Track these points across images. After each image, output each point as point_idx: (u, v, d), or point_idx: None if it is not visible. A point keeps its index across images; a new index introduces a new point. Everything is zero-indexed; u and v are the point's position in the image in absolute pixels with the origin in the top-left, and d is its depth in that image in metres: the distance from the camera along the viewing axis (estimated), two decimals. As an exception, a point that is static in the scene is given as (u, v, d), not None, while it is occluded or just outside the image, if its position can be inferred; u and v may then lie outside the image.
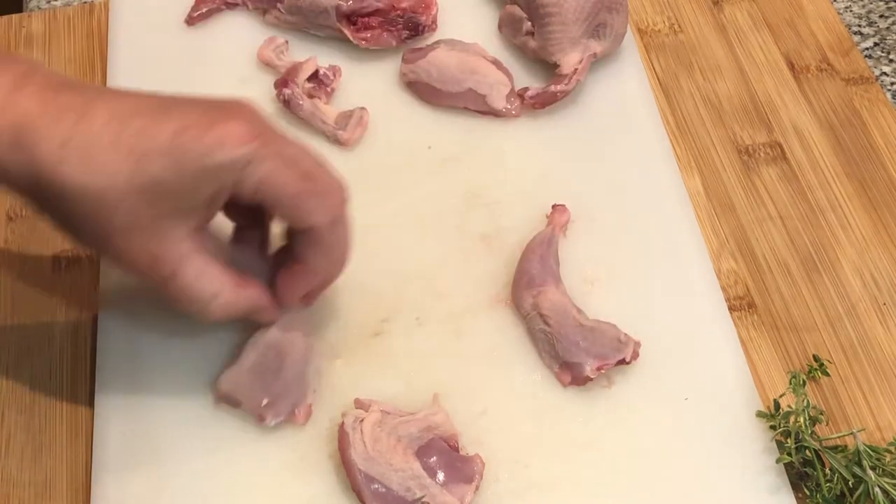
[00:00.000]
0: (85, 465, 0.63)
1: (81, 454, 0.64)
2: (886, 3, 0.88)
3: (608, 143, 0.76)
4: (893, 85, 0.82)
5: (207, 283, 0.57)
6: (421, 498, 0.58)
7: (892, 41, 0.85)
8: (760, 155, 0.77)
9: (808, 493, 0.61)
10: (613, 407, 0.64)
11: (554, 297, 0.66)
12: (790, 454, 0.60)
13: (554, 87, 0.75)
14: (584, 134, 0.76)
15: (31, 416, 0.65)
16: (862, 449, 0.59)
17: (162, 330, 0.66)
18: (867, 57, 0.84)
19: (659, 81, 0.81)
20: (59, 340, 0.68)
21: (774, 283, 0.71)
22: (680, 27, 0.84)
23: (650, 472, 0.62)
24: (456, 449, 0.62)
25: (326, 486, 0.61)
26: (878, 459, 0.59)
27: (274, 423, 0.62)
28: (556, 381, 0.65)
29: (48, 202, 0.53)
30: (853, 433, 0.61)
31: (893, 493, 0.58)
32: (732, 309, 0.69)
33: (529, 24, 0.77)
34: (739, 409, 0.64)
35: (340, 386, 0.64)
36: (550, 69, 0.77)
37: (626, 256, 0.70)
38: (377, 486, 0.59)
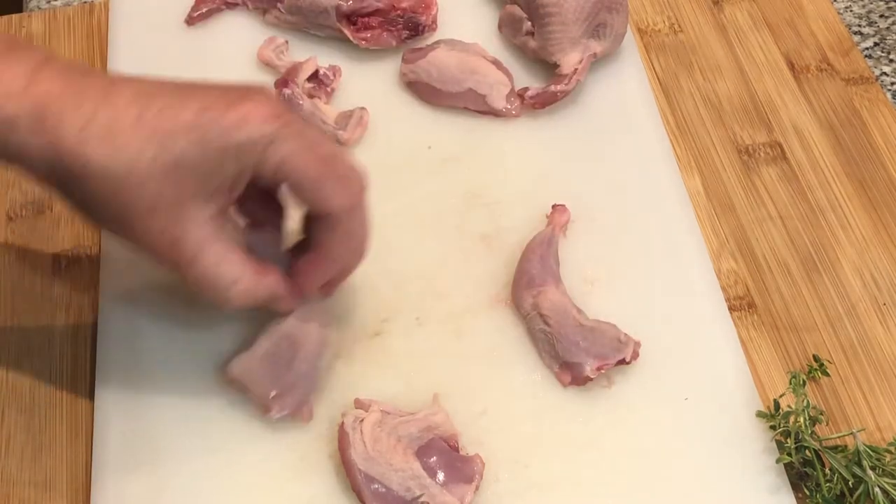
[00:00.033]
0: (85, 465, 0.63)
1: (81, 454, 0.64)
2: (886, 3, 0.88)
3: (608, 143, 0.76)
4: (893, 85, 0.82)
5: (227, 268, 0.56)
6: (419, 497, 0.58)
7: (892, 41, 0.85)
8: (760, 155, 0.77)
9: (808, 493, 0.61)
10: (613, 407, 0.64)
11: (554, 297, 0.66)
12: (790, 454, 0.60)
13: (554, 87, 0.75)
14: (584, 134, 0.76)
15: (31, 416, 0.65)
16: (862, 449, 0.59)
17: (162, 330, 0.66)
18: (867, 57, 0.84)
19: (659, 81, 0.81)
20: (59, 340, 0.68)
21: (774, 283, 0.71)
22: (680, 27, 0.84)
23: (650, 472, 0.62)
24: (456, 449, 0.62)
25: (326, 486, 0.61)
26: (878, 459, 0.59)
27: (279, 416, 0.62)
28: (556, 381, 0.65)
29: (69, 184, 0.52)
30: (853, 433, 0.61)
31: (893, 493, 0.58)
32: (732, 309, 0.69)
33: (529, 24, 0.77)
34: (739, 409, 0.64)
35: (340, 386, 0.64)
36: (550, 69, 0.77)
37: (626, 256, 0.70)
38: (377, 486, 0.59)
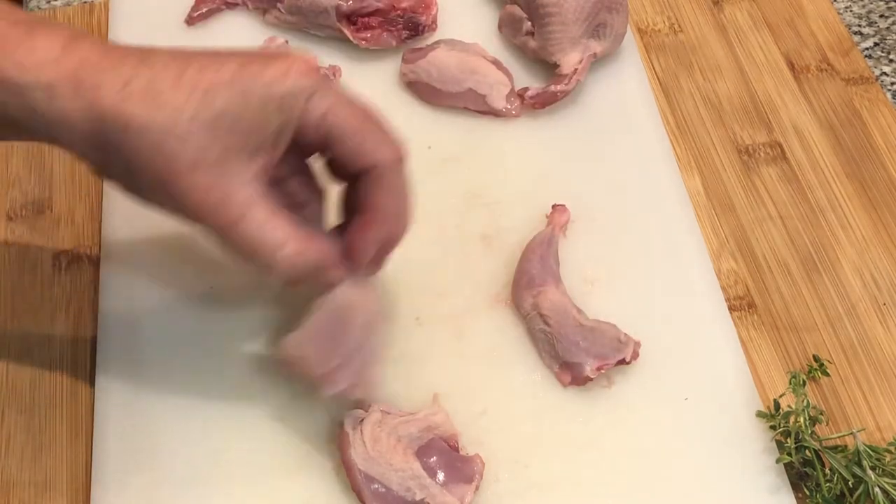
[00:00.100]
0: (85, 465, 0.63)
1: (81, 454, 0.64)
2: (886, 3, 0.88)
3: (608, 143, 0.75)
4: (893, 85, 0.82)
5: (275, 230, 0.54)
6: (422, 500, 0.59)
7: (892, 41, 0.85)
8: (760, 155, 0.77)
9: (808, 493, 0.61)
10: (613, 407, 0.64)
11: (554, 297, 0.66)
12: (790, 454, 0.60)
13: (554, 87, 0.75)
14: (584, 134, 0.76)
15: (31, 416, 0.65)
16: (862, 449, 0.59)
17: (162, 330, 0.66)
18: (867, 57, 0.84)
19: (659, 81, 0.81)
20: (59, 340, 0.68)
21: (774, 283, 0.71)
22: (680, 27, 0.84)
23: (650, 472, 0.62)
24: (456, 449, 0.62)
25: (326, 486, 0.61)
26: (878, 459, 0.59)
27: (339, 389, 0.60)
28: (556, 381, 0.65)
29: (111, 146, 0.52)
30: (853, 433, 0.61)
31: (893, 493, 0.58)
32: (732, 309, 0.69)
33: (529, 24, 0.77)
34: (739, 409, 0.64)
35: (340, 386, 0.64)
36: (550, 69, 0.77)
37: (626, 256, 0.70)
38: (377, 486, 0.59)
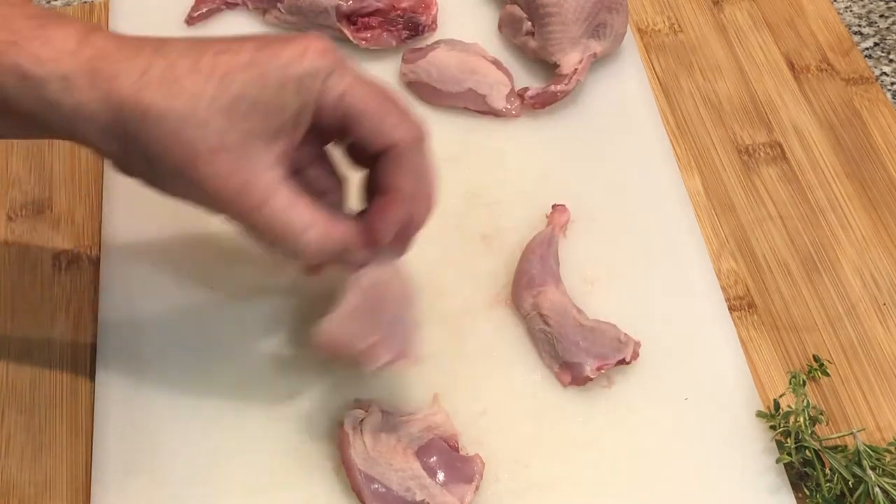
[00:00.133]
0: (85, 465, 0.63)
1: (81, 454, 0.64)
2: (886, 3, 0.88)
3: (608, 143, 0.75)
4: (893, 85, 0.82)
5: (300, 213, 0.54)
6: (422, 500, 0.59)
7: (892, 41, 0.85)
8: (760, 155, 0.77)
9: (808, 493, 0.61)
10: (613, 407, 0.64)
11: (554, 297, 0.66)
12: (790, 454, 0.60)
13: (554, 87, 0.75)
14: (584, 134, 0.76)
15: (31, 416, 0.65)
16: (862, 449, 0.59)
17: (162, 329, 0.66)
18: (867, 57, 0.84)
19: (659, 81, 0.81)
20: (59, 340, 0.68)
21: (774, 283, 0.71)
22: (680, 27, 0.84)
23: (650, 472, 0.62)
24: (456, 449, 0.62)
25: (326, 486, 0.61)
26: (878, 459, 0.59)
27: (383, 362, 0.59)
28: (556, 381, 0.65)
29: (131, 135, 0.52)
30: (853, 433, 0.61)
31: (893, 493, 0.58)
32: (732, 309, 0.69)
33: (529, 24, 0.77)
34: (739, 409, 0.64)
35: (340, 386, 0.64)
36: (550, 69, 0.77)
37: (626, 256, 0.70)
38: (377, 486, 0.59)
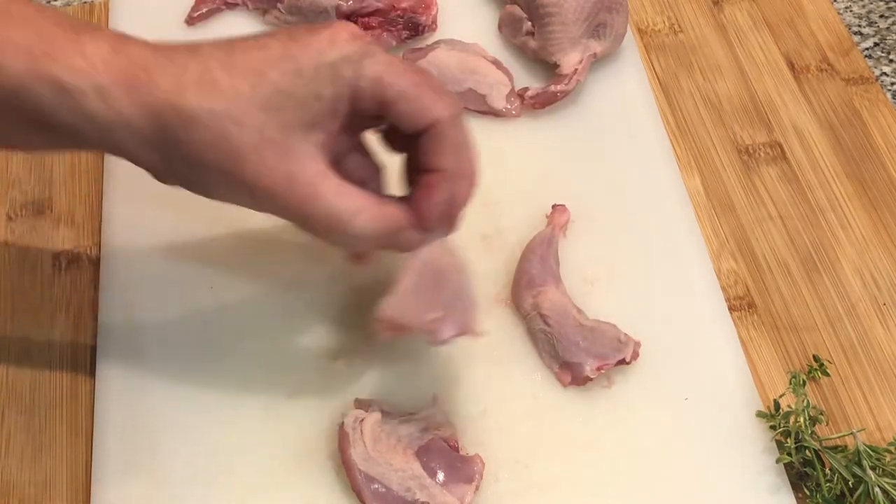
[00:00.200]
0: (85, 465, 0.63)
1: (81, 454, 0.64)
2: (886, 3, 0.88)
3: (608, 143, 0.75)
4: (893, 85, 0.82)
5: (348, 199, 0.54)
6: (422, 500, 0.58)
7: (892, 41, 0.85)
8: (760, 155, 0.77)
9: (808, 493, 0.61)
10: (613, 407, 0.64)
11: (554, 297, 0.66)
12: (790, 454, 0.60)
13: (554, 87, 0.75)
14: (584, 134, 0.76)
15: (31, 416, 0.65)
16: (862, 449, 0.59)
17: (162, 329, 0.66)
18: (867, 57, 0.84)
19: (659, 81, 0.81)
20: (59, 340, 0.68)
21: (774, 283, 0.71)
22: (680, 27, 0.84)
23: (650, 472, 0.62)
24: (456, 449, 0.62)
25: (326, 486, 0.61)
26: (878, 459, 0.59)
27: (449, 335, 0.59)
28: (556, 381, 0.65)
29: (170, 143, 0.52)
30: (853, 433, 0.61)
31: (893, 493, 0.58)
32: (732, 309, 0.69)
33: (529, 24, 0.77)
34: (739, 409, 0.64)
35: (340, 386, 0.64)
36: (550, 69, 0.77)
37: (626, 256, 0.70)
38: (377, 486, 0.59)
